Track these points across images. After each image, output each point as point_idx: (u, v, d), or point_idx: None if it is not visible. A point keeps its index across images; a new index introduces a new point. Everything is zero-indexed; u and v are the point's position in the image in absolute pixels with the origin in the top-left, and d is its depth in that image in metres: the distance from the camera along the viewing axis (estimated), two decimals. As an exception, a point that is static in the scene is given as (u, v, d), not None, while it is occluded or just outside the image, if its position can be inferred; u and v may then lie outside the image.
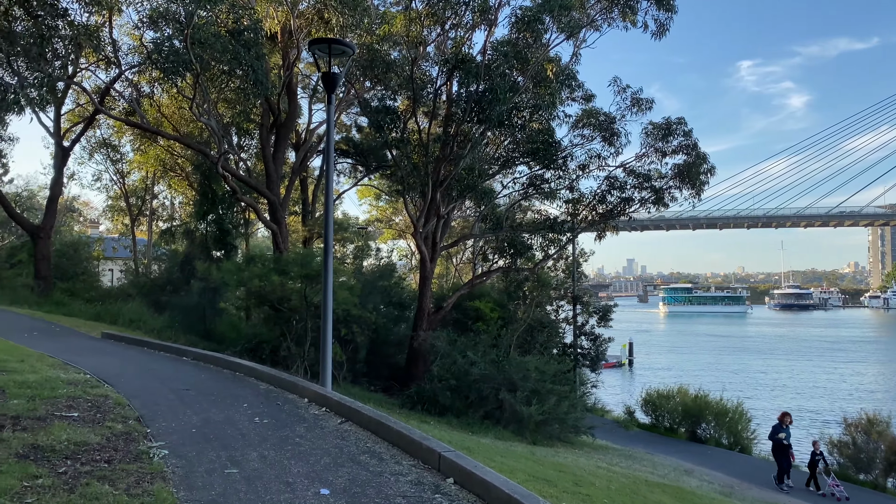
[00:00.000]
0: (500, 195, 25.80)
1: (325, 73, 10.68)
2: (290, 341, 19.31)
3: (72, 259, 33.98)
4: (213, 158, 21.21)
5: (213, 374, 11.65)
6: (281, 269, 19.42)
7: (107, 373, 10.90)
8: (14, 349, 12.89)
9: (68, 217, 56.27)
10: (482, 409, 19.03)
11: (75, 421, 7.32)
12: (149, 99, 27.80)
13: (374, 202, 53.40)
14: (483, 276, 23.92)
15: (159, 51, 17.75)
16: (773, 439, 19.00)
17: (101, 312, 24.00)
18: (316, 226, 33.62)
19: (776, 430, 18.96)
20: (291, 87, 24.24)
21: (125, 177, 43.18)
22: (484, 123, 19.91)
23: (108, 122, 39.13)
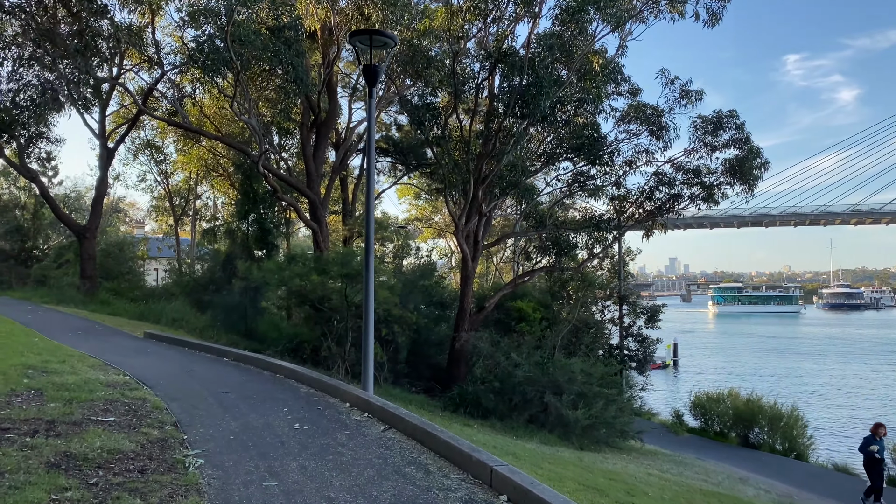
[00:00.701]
0: (543, 192, 25.20)
1: (367, 66, 10.30)
2: (330, 341, 19.08)
3: (117, 259, 34.48)
4: (254, 157, 21.11)
5: (253, 375, 11.39)
6: (321, 269, 19.20)
7: (146, 374, 10.72)
8: (57, 349, 12.86)
9: (114, 217, 57.42)
10: (526, 413, 18.50)
11: (111, 426, 7.06)
12: (191, 99, 27.96)
13: (413, 201, 53.18)
14: (526, 276, 23.35)
15: (200, 49, 17.66)
16: (864, 452, 17.45)
17: (144, 312, 24.17)
18: (356, 225, 33.48)
19: (868, 441, 17.30)
20: (331, 85, 24.03)
21: (169, 177, 43.77)
22: (527, 118, 19.35)
23: (152, 124, 39.68)
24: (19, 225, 32.57)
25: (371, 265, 10.30)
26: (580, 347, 22.27)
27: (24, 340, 13.56)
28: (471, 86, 20.31)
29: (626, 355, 24.88)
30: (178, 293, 29.87)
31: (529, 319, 22.12)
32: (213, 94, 26.99)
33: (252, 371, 11.92)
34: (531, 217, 23.40)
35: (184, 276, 34.11)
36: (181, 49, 23.40)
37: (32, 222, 33.13)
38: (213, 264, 30.47)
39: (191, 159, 37.51)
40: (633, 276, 33.84)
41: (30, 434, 6.40)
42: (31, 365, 10.32)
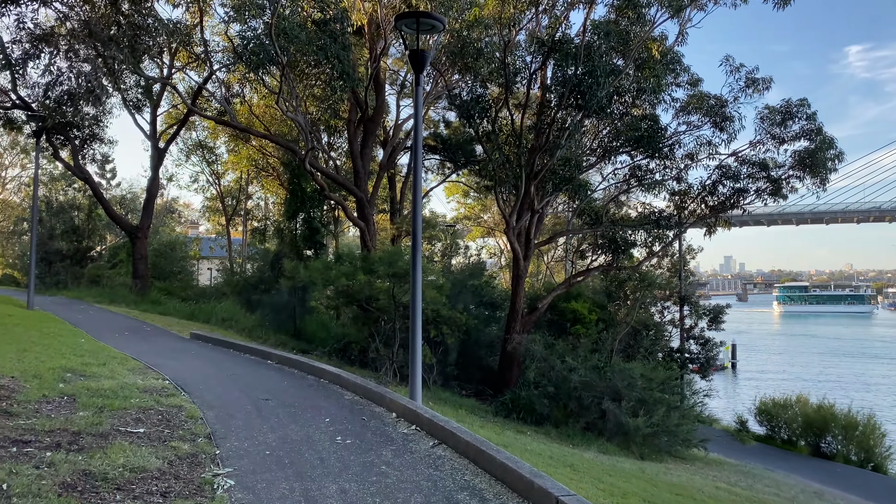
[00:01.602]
0: (598, 187, 24.14)
1: (414, 51, 9.61)
2: (378, 342, 18.53)
3: (169, 258, 34.79)
4: (301, 155, 20.72)
5: (296, 380, 10.85)
6: (368, 268, 18.67)
7: (186, 378, 10.28)
8: (101, 350, 12.59)
9: (168, 218, 58.43)
10: (583, 420, 17.60)
11: (139, 438, 6.54)
12: (239, 98, 27.90)
13: (461, 199, 52.54)
14: (581, 275, 22.35)
15: (245, 44, 17.30)
16: None
17: (195, 311, 24.14)
18: (404, 224, 32.97)
19: None
20: (379, 81, 23.50)
21: (220, 178, 44.18)
22: (582, 110, 18.41)
23: (203, 125, 40.04)
24: (75, 226, 33.13)
25: (419, 264, 9.62)
26: (639, 351, 21.20)
27: (70, 341, 13.36)
28: (523, 76, 19.45)
29: (687, 358, 23.62)
30: (229, 292, 29.89)
31: (585, 321, 21.14)
32: (261, 92, 26.85)
33: (295, 375, 11.38)
34: (586, 214, 22.40)
35: (234, 275, 34.19)
36: (228, 49, 23.25)
37: (87, 223, 33.67)
38: (263, 264, 30.38)
39: (241, 159, 37.64)
40: (694, 275, 32.37)
41: (51, 448, 5.91)
42: (70, 368, 9.99)
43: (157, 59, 26.00)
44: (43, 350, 11.50)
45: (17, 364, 9.74)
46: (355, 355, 19.88)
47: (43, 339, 12.93)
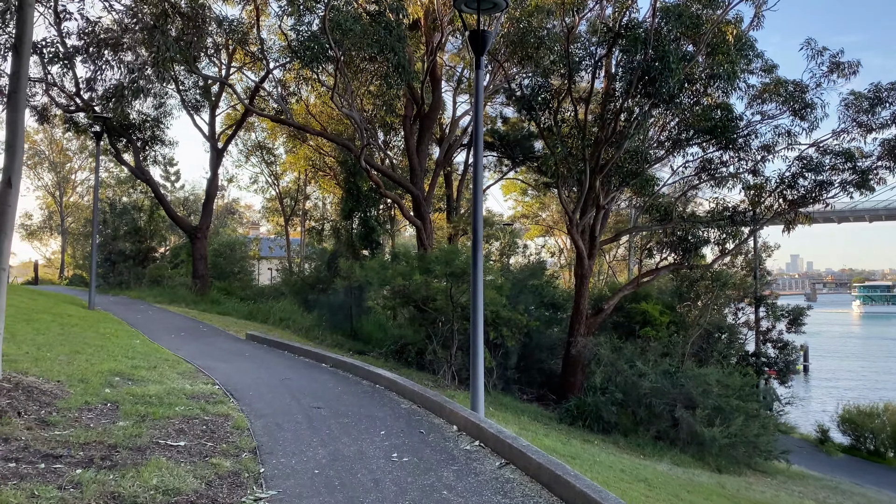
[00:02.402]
0: (667, 181, 22.87)
1: (474, 32, 8.85)
2: (436, 344, 17.85)
3: (228, 258, 35.02)
4: (357, 152, 20.23)
5: (350, 386, 10.24)
6: (424, 268, 18.01)
7: (236, 383, 9.80)
8: (153, 352, 12.29)
9: (229, 219, 59.33)
10: (654, 428, 16.53)
11: (179, 453, 5.99)
12: (296, 97, 27.71)
13: (519, 197, 51.63)
14: (650, 275, 21.15)
15: (299, 38, 16.89)
16: None
17: (253, 311, 24.04)
18: (461, 222, 32.27)
19: None
20: (435, 75, 22.85)
21: (279, 178, 44.48)
22: (651, 98, 17.32)
23: (262, 126, 40.31)
24: (137, 227, 33.67)
25: (479, 264, 8.87)
26: (712, 355, 19.90)
27: (125, 342, 13.14)
28: (587, 64, 18.44)
29: (764, 363, 22.13)
30: (287, 292, 29.81)
31: (655, 323, 19.97)
32: (317, 90, 26.57)
33: (350, 380, 10.78)
34: (654, 210, 21.20)
35: (292, 275, 34.17)
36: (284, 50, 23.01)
37: (149, 224, 34.19)
38: (320, 263, 30.19)
39: (298, 159, 37.68)
40: (770, 274, 30.60)
41: (82, 464, 5.40)
42: (119, 371, 9.63)
43: (215, 59, 26.00)
44: (95, 352, 11.24)
45: (67, 367, 9.43)
46: (412, 357, 19.27)
47: (97, 341, 12.73)
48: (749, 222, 20.64)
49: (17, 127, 7.54)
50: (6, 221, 7.41)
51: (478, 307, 8.72)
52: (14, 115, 7.54)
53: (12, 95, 7.54)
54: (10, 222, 7.45)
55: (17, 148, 7.50)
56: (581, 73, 19.39)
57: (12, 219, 7.49)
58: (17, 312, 15.32)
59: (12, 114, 7.55)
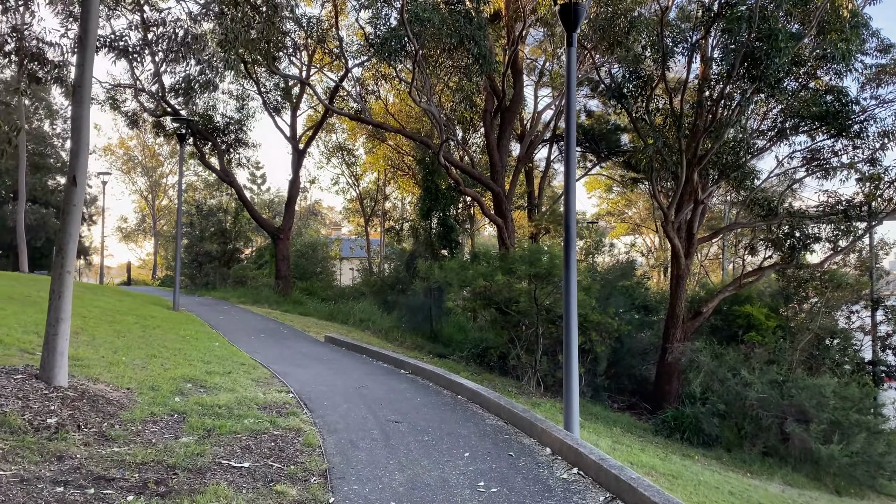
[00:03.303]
0: (773, 174, 21.02)
1: (565, 5, 7.93)
2: (519, 348, 16.95)
3: (310, 259, 35.21)
4: (435, 148, 19.58)
5: (430, 396, 9.50)
6: (507, 268, 17.14)
7: (311, 392, 9.24)
8: (231, 356, 11.97)
9: (312, 220, 60.22)
10: (762, 443, 15.06)
11: (241, 476, 5.38)
12: (374, 95, 27.43)
13: (603, 194, 49.95)
14: (753, 275, 19.48)
15: (376, 32, 16.36)
16: None
17: (333, 312, 23.92)
18: (543, 220, 31.19)
19: None
20: (517, 66, 21.92)
21: (359, 179, 44.67)
22: (755, 82, 15.81)
23: (342, 127, 40.48)
24: (223, 228, 34.31)
25: (572, 265, 7.94)
26: (824, 362, 18.09)
27: (203, 345, 12.91)
28: (684, 47, 17.06)
29: (883, 372, 20.01)
30: (367, 293, 29.60)
31: (760, 327, 18.33)
32: (395, 87, 26.17)
33: (430, 389, 10.05)
34: (756, 205, 19.52)
35: (371, 275, 34.01)
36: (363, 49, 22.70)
37: (234, 225, 34.78)
38: (399, 263, 29.80)
39: (377, 159, 37.56)
40: (889, 274, 27.98)
41: (135, 489, 4.85)
42: (192, 378, 9.25)
43: (294, 58, 25.97)
44: (171, 356, 10.97)
45: (140, 372, 9.12)
46: (494, 361, 18.46)
47: (176, 344, 12.53)
48: (865, 217, 18.67)
49: (82, 123, 7.17)
50: (71, 221, 7.06)
51: (570, 312, 7.80)
52: (79, 110, 7.18)
53: (77, 89, 7.19)
54: (75, 223, 7.09)
55: (81, 145, 7.14)
56: (675, 59, 18.02)
57: (78, 219, 7.13)
58: (102, 314, 15.46)
59: (77, 109, 7.19)
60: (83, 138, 7.16)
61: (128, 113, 31.17)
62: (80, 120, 7.18)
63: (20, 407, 6.10)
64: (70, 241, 7.06)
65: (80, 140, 7.14)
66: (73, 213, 7.07)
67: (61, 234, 7.07)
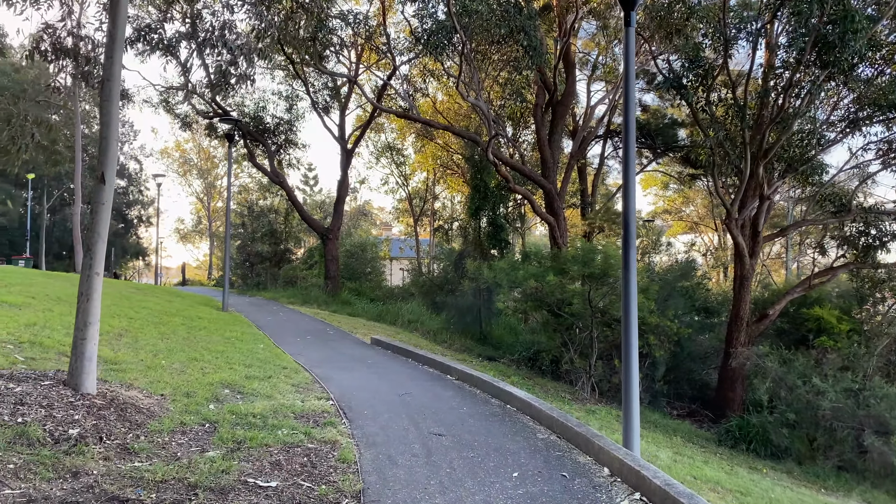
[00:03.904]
0: (844, 167, 19.69)
1: (623, -18, 7.26)
2: (572, 352, 16.24)
3: (359, 259, 35.05)
4: (484, 145, 18.99)
5: (477, 405, 8.93)
6: (559, 268, 16.45)
7: (352, 399, 8.79)
8: (273, 359, 11.65)
9: (362, 220, 60.37)
10: (836, 457, 13.98)
11: (267, 498, 4.92)
12: (421, 92, 27.05)
13: (659, 192, 48.49)
14: (824, 274, 18.24)
15: (423, 26, 15.88)
16: None
17: (382, 312, 23.63)
18: (597, 219, 30.28)
19: None
20: (569, 59, 21.15)
21: (408, 179, 44.44)
22: (828, 68, 14.71)
23: (391, 126, 40.27)
24: (273, 229, 34.45)
25: (632, 265, 7.25)
26: (903, 370, 16.80)
27: (246, 348, 12.64)
28: (749, 32, 16.00)
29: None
30: (416, 293, 29.23)
31: (832, 331, 17.13)
32: (444, 83, 25.72)
33: (477, 398, 9.48)
34: (826, 201, 18.29)
35: (420, 276, 33.64)
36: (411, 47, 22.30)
37: (284, 225, 34.90)
38: (447, 263, 29.32)
39: (426, 158, 37.20)
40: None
41: (150, 512, 4.44)
42: (231, 383, 8.91)
43: (343, 56, 25.76)
44: (213, 359, 10.70)
45: (177, 377, 8.83)
46: (546, 365, 17.77)
47: (220, 346, 12.29)
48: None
49: (111, 118, 6.86)
50: (99, 220, 6.75)
51: (630, 317, 7.11)
52: (108, 105, 6.88)
53: (105, 83, 6.88)
54: (103, 222, 6.78)
55: (110, 141, 6.83)
56: (738, 46, 17.00)
57: (106, 218, 6.82)
58: (150, 315, 15.40)
59: (106, 104, 6.88)
60: (112, 134, 6.85)
61: (180, 115, 31.60)
62: (109, 115, 6.87)
63: (42, 416, 5.80)
64: (98, 240, 6.76)
65: (108, 136, 6.84)
66: (101, 211, 6.76)
67: (89, 234, 6.78)
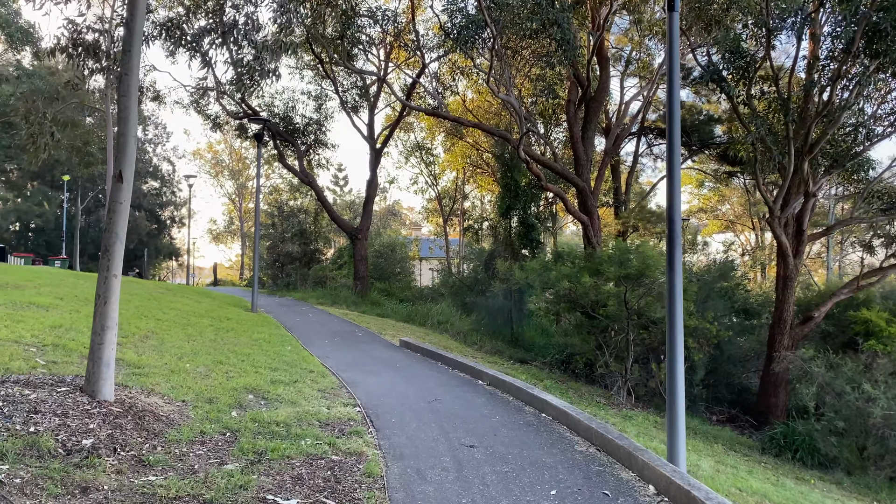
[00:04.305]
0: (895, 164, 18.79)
1: (665, -37, 6.80)
2: (608, 356, 15.72)
3: (388, 259, 34.82)
4: (514, 143, 18.54)
5: (510, 414, 8.52)
6: (594, 269, 15.92)
7: (380, 405, 8.44)
8: (300, 362, 11.37)
9: (392, 220, 60.23)
10: (888, 467, 13.24)
11: (287, 519, 4.59)
12: (451, 91, 26.67)
13: (694, 190, 47.45)
14: (873, 275, 17.34)
15: (452, 20, 15.50)
16: None
17: (411, 313, 23.38)
18: (631, 218, 29.61)
19: None
20: (602, 53, 20.58)
21: (437, 179, 44.18)
22: (878, 58, 13.97)
23: (420, 126, 40.00)
24: (302, 229, 34.39)
25: (677, 264, 6.79)
26: (959, 375, 15.88)
27: (273, 350, 12.40)
28: (794, 21, 15.28)
29: None
30: (446, 294, 28.88)
31: (881, 335, 16.32)
32: (473, 80, 25.31)
33: (510, 405, 9.06)
34: (875, 197, 17.47)
35: (450, 276, 33.28)
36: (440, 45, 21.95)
37: (313, 225, 34.82)
38: (477, 264, 28.90)
39: (455, 157, 36.84)
40: None
41: (160, 534, 4.13)
42: (255, 388, 8.63)
43: (371, 54, 25.53)
44: (238, 362, 10.45)
45: (201, 381, 8.57)
46: (580, 368, 17.27)
47: (246, 348, 12.06)
48: None
49: (129, 113, 6.60)
50: (117, 220, 6.50)
51: (675, 320, 6.64)
52: (126, 100, 6.62)
53: (123, 77, 6.62)
54: (121, 221, 6.53)
55: (128, 137, 6.57)
56: (781, 36, 16.30)
57: (124, 218, 6.56)
58: (178, 316, 15.27)
59: (124, 99, 6.63)
60: (130, 131, 6.59)
61: (211, 116, 31.69)
62: (127, 111, 6.61)
63: (56, 426, 5.54)
64: (116, 241, 6.50)
65: (127, 133, 6.58)
66: (119, 211, 6.51)
67: (106, 235, 6.53)
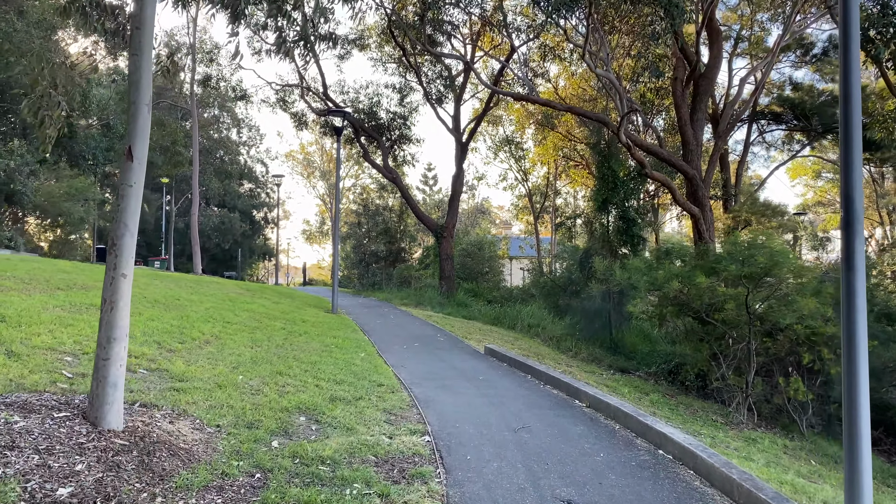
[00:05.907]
0: None
1: None
2: (724, 367, 13.60)
3: (476, 258, 33.38)
4: (613, 127, 16.60)
5: (618, 450, 6.78)
6: (709, 267, 13.82)
7: (454, 434, 6.92)
8: (370, 373, 10.03)
9: (481, 218, 58.80)
10: None
11: None
12: (542, 77, 24.93)
13: (810, 182, 43.56)
14: None
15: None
16: None
17: (500, 315, 21.93)
18: (743, 211, 26.86)
19: None
20: (713, 24, 18.26)
21: (528, 175, 42.48)
22: None
23: (509, 119, 38.37)
24: (387, 227, 33.49)
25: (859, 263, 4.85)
26: None
27: (344, 358, 11.14)
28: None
29: None
30: (537, 294, 27.15)
31: None
32: (565, 67, 23.47)
33: (617, 437, 7.32)
34: None
35: (541, 276, 31.45)
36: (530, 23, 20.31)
37: (399, 223, 33.86)
38: (571, 263, 26.94)
39: (547, 150, 34.96)
40: None
41: None
42: (309, 407, 7.31)
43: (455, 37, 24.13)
44: (300, 373, 9.20)
45: (248, 399, 7.34)
46: (691, 380, 15.23)
47: (313, 356, 10.85)
48: None
49: (141, 76, 5.37)
50: (126, 207, 5.27)
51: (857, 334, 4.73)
52: (138, 59, 5.39)
53: (135, 31, 5.41)
54: (130, 209, 5.29)
55: (139, 106, 5.33)
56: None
57: (136, 205, 5.33)
58: (250, 318, 14.36)
59: (135, 58, 5.40)
60: (142, 97, 5.35)
61: (297, 114, 31.28)
62: (139, 73, 5.38)
63: (32, 466, 4.33)
64: (126, 233, 5.27)
65: (138, 101, 5.35)
66: (129, 195, 5.28)
67: (115, 225, 5.32)
